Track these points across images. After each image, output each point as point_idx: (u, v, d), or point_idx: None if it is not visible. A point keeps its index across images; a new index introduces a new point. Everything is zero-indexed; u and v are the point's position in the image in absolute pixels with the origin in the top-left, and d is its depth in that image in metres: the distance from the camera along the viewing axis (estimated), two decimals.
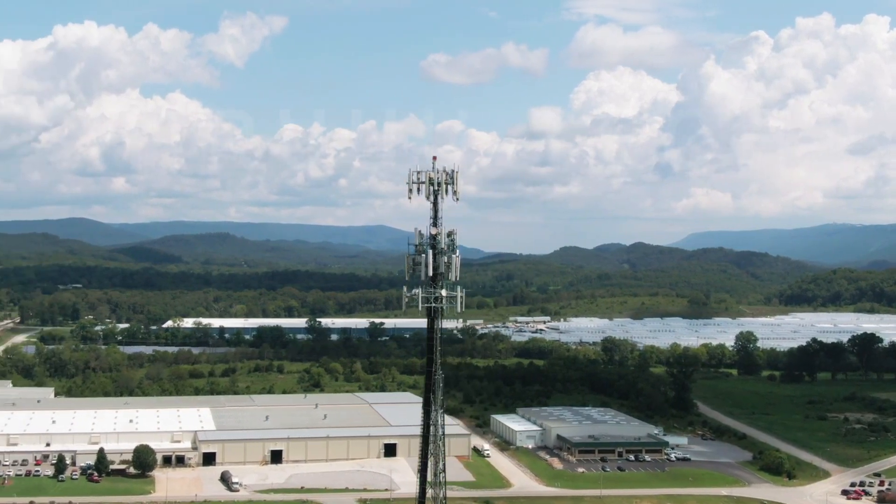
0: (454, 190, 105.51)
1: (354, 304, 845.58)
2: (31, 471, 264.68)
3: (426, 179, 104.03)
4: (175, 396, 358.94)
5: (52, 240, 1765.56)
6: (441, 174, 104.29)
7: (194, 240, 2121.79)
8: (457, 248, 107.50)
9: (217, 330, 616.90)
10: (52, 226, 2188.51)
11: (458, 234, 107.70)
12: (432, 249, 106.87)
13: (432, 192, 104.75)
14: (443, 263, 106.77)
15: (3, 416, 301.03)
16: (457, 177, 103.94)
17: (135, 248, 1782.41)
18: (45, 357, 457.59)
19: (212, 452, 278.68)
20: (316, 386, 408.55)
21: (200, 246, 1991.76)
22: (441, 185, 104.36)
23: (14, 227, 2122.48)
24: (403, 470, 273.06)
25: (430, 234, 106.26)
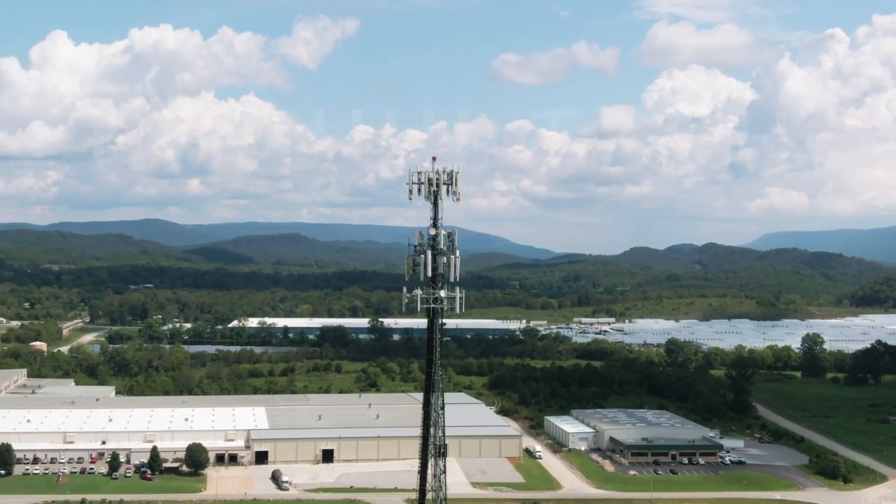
0: (455, 191, 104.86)
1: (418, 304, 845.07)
2: (86, 468, 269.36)
3: (425, 180, 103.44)
4: (232, 395, 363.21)
5: (127, 241, 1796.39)
6: (440, 175, 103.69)
7: (266, 240, 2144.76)
8: (457, 249, 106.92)
9: (281, 329, 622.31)
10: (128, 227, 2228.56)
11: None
12: (431, 250, 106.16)
13: (431, 193, 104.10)
14: (442, 264, 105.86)
15: (61, 414, 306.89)
16: (457, 178, 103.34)
17: (208, 248, 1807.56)
18: (110, 356, 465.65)
19: (264, 451, 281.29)
20: (372, 385, 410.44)
21: (272, 246, 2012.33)
22: (440, 186, 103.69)
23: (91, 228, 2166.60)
24: (453, 471, 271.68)
25: (429, 234, 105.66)
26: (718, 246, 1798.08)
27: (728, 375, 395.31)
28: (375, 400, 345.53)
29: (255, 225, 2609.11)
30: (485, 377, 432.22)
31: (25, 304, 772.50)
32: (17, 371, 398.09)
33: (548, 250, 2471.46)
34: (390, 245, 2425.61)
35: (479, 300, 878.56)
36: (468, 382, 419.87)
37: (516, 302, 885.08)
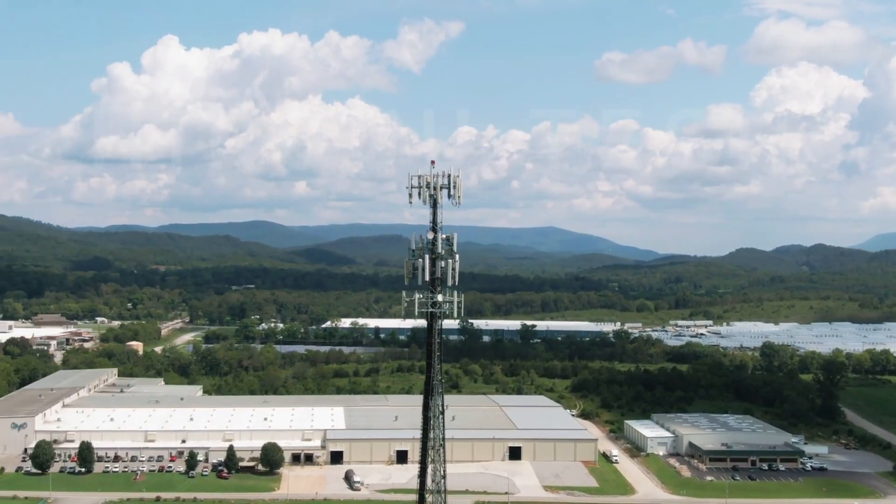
0: (457, 195, 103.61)
1: (511, 306, 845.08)
2: (165, 467, 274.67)
3: (423, 184, 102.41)
4: (313, 395, 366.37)
5: (234, 242, 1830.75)
6: (439, 179, 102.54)
7: (368, 242, 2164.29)
8: (455, 253, 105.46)
9: (372, 330, 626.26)
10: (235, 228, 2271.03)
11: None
12: (429, 254, 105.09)
13: (429, 197, 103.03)
14: (439, 268, 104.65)
15: (144, 413, 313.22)
16: (457, 181, 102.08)
17: (311, 250, 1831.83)
18: (202, 356, 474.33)
19: (339, 451, 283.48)
20: (454, 387, 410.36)
21: (374, 248, 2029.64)
22: (437, 190, 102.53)
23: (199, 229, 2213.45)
24: (526, 474, 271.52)
25: (428, 238, 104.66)
26: (827, 247, 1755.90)
27: (816, 380, 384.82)
28: (454, 402, 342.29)
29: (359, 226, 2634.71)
30: (568, 380, 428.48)
31: (128, 304, 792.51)
32: (107, 370, 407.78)
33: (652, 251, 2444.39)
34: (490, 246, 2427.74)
35: (572, 302, 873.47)
36: (550, 385, 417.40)
37: (611, 304, 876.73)
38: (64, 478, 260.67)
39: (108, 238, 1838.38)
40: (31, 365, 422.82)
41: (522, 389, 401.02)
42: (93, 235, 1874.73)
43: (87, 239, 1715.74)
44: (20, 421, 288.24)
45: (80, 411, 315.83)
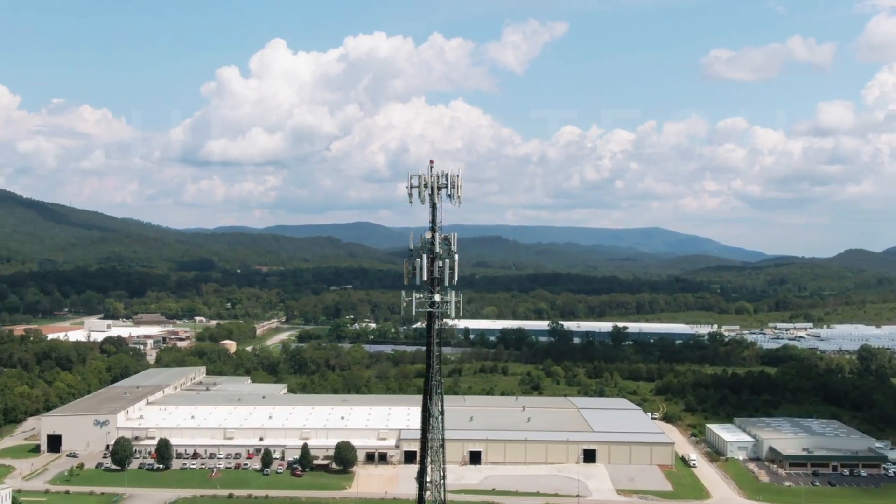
0: (457, 195, 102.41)
1: (605, 308, 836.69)
2: (241, 464, 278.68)
3: (422, 184, 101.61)
4: (394, 395, 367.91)
5: (336, 243, 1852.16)
6: (437, 178, 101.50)
7: (468, 243, 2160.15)
8: (454, 253, 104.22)
9: (462, 331, 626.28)
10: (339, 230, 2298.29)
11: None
12: (427, 254, 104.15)
13: (427, 197, 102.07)
14: (437, 268, 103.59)
15: (225, 410, 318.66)
16: (457, 181, 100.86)
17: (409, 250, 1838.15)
18: (291, 355, 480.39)
19: (413, 451, 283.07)
20: (535, 388, 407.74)
21: (474, 249, 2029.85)
22: (435, 190, 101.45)
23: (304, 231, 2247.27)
24: (600, 476, 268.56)
25: (427, 238, 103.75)
26: None
27: None
28: (533, 403, 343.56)
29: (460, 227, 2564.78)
30: (653, 383, 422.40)
31: (227, 304, 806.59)
32: (195, 369, 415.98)
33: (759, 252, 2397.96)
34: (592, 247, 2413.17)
35: (668, 304, 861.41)
36: (634, 387, 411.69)
37: (708, 306, 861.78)
38: (142, 474, 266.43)
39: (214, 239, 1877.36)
40: (124, 363, 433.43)
41: (604, 392, 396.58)
42: (199, 236, 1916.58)
43: (194, 240, 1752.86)
44: (102, 418, 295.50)
45: (163, 409, 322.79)
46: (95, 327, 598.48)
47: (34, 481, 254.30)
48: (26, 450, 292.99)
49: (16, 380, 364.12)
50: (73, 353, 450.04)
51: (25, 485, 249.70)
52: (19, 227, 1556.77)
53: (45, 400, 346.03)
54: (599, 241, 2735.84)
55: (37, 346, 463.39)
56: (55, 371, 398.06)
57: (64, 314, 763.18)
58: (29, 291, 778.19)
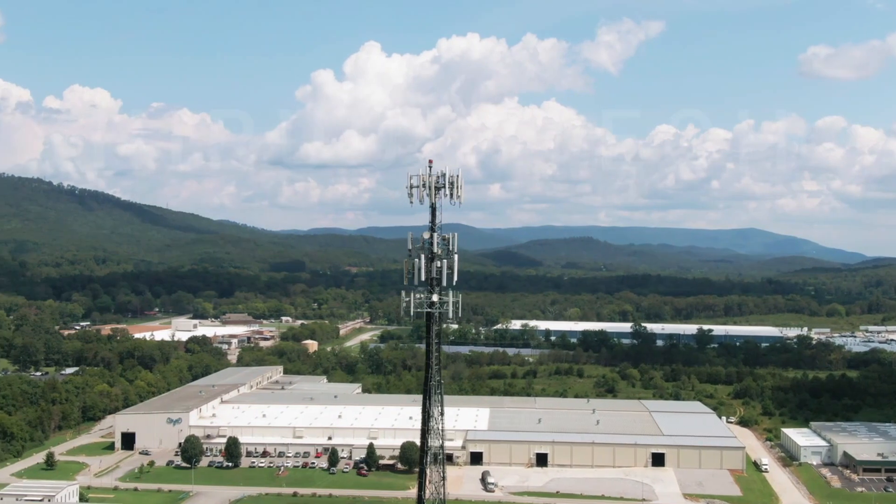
0: (457, 194, 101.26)
1: (692, 310, 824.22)
2: (309, 463, 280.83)
3: (420, 184, 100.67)
4: (465, 396, 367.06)
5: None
6: (436, 179, 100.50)
7: (559, 244, 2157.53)
8: (453, 253, 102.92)
9: (543, 332, 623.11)
10: None
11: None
12: (426, 254, 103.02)
13: (425, 197, 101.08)
14: (434, 268, 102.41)
15: (296, 410, 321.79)
16: (455, 181, 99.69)
17: (501, 252, 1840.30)
18: (369, 354, 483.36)
19: (479, 452, 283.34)
20: (610, 391, 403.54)
21: (564, 250, 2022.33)
22: (432, 189, 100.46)
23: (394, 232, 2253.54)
24: (668, 480, 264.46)
25: (426, 238, 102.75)
26: None
27: None
28: (604, 406, 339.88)
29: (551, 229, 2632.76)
30: (731, 386, 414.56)
31: (313, 304, 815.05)
32: (273, 368, 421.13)
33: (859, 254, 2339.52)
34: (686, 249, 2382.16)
35: (757, 306, 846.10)
36: (712, 391, 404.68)
37: (799, 308, 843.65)
38: (211, 472, 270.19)
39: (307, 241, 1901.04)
40: (205, 362, 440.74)
41: (680, 395, 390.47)
42: (293, 238, 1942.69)
43: (287, 241, 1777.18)
44: (175, 416, 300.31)
45: (236, 407, 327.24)
46: (182, 327, 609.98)
47: (105, 478, 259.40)
48: (101, 447, 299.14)
49: (97, 378, 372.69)
50: (157, 352, 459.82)
51: (96, 481, 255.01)
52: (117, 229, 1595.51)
53: (125, 398, 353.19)
54: (694, 242, 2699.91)
55: (121, 345, 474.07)
56: (137, 370, 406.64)
57: (154, 314, 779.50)
58: (121, 291, 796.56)
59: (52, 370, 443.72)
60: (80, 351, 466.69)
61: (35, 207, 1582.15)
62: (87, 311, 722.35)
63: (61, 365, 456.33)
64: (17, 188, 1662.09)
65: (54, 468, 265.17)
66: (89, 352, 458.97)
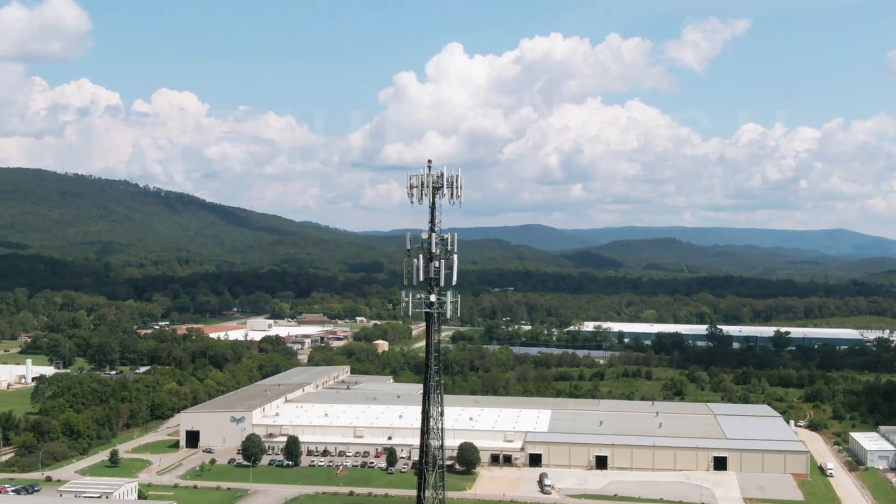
0: (456, 194, 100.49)
1: (771, 312, 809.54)
2: (368, 462, 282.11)
3: (419, 184, 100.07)
4: (528, 397, 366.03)
5: (504, 245, 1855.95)
6: (435, 178, 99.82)
7: (640, 245, 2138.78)
8: (452, 254, 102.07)
9: (616, 334, 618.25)
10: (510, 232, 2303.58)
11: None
12: (423, 254, 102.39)
13: (423, 196, 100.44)
14: (433, 268, 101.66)
15: (358, 409, 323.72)
16: (455, 181, 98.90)
17: (580, 253, 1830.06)
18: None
19: (538, 454, 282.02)
20: (678, 394, 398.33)
21: (646, 251, 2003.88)
22: (430, 189, 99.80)
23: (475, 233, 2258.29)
24: (729, 484, 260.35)
25: (424, 238, 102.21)
26: None
27: None
28: (669, 408, 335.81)
29: (634, 230, 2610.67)
30: (803, 389, 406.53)
31: (388, 304, 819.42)
32: (339, 367, 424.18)
33: None
34: (772, 250, 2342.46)
35: (839, 308, 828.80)
36: (782, 394, 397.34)
37: (881, 311, 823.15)
38: (270, 470, 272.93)
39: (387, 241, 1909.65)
40: (275, 361, 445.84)
41: (749, 398, 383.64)
42: (373, 239, 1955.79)
43: (367, 242, 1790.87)
44: (239, 415, 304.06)
45: (299, 406, 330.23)
46: (257, 327, 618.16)
47: (167, 476, 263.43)
48: (167, 445, 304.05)
49: (168, 377, 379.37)
50: (230, 351, 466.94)
51: (158, 479, 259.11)
52: (202, 231, 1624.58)
53: (193, 397, 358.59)
54: (781, 243, 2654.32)
55: (195, 344, 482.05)
56: (208, 369, 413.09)
57: (232, 314, 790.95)
58: (200, 292, 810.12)
59: (126, 369, 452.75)
60: (154, 350, 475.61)
61: (122, 209, 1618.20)
62: (166, 311, 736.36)
63: (136, 364, 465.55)
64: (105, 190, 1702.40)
65: (118, 466, 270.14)
66: (163, 351, 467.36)
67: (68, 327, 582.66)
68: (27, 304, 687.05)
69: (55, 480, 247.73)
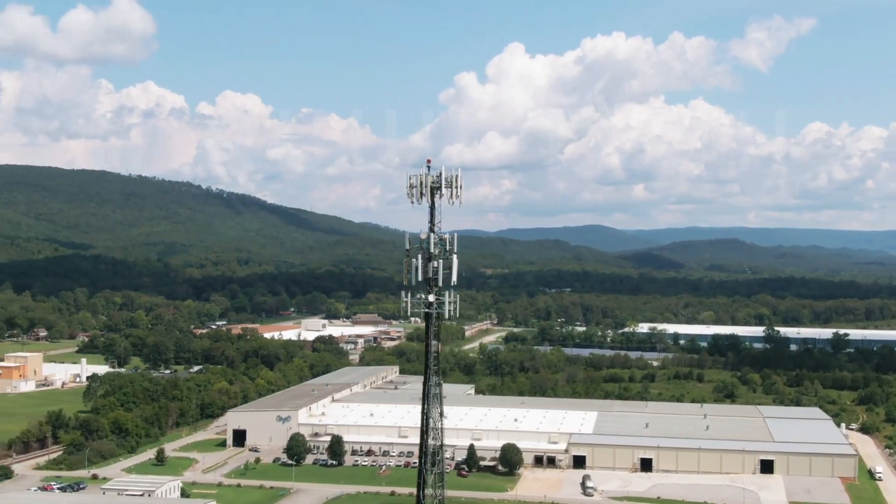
0: (456, 194, 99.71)
1: (831, 313, 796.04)
2: (411, 462, 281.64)
3: (418, 183, 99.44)
4: (575, 399, 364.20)
5: (563, 246, 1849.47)
6: (433, 179, 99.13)
7: (702, 246, 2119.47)
8: (451, 254, 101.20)
9: (671, 336, 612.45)
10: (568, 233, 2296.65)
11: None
12: (422, 254, 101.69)
13: (421, 196, 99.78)
14: (431, 268, 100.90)
15: (403, 409, 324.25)
16: (454, 181, 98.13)
17: (641, 254, 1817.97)
18: (487, 356, 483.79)
19: (581, 456, 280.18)
20: (728, 396, 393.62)
21: (707, 252, 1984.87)
22: (428, 189, 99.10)
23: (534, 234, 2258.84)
24: (775, 488, 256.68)
25: (423, 238, 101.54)
26: None
27: None
28: (718, 411, 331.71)
29: (696, 230, 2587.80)
30: (857, 392, 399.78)
31: None
32: (388, 367, 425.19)
33: None
34: (837, 251, 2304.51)
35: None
36: (835, 396, 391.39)
37: None
38: (314, 469, 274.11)
39: None
40: (326, 361, 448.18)
41: (801, 401, 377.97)
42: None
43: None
44: (285, 414, 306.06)
45: (345, 406, 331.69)
46: (311, 326, 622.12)
47: (212, 474, 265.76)
48: (214, 444, 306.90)
49: (219, 376, 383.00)
50: (282, 351, 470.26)
51: (202, 477, 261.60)
52: (262, 231, 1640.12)
53: (243, 396, 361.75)
54: (847, 243, 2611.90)
55: (248, 344, 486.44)
56: (259, 368, 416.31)
57: (289, 314, 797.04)
58: (258, 292, 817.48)
59: (181, 368, 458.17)
60: (208, 350, 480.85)
61: (184, 210, 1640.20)
62: (224, 311, 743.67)
63: (190, 363, 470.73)
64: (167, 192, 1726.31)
65: (164, 464, 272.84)
66: (216, 350, 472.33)
67: (126, 327, 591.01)
68: (87, 304, 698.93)
69: (101, 478, 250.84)
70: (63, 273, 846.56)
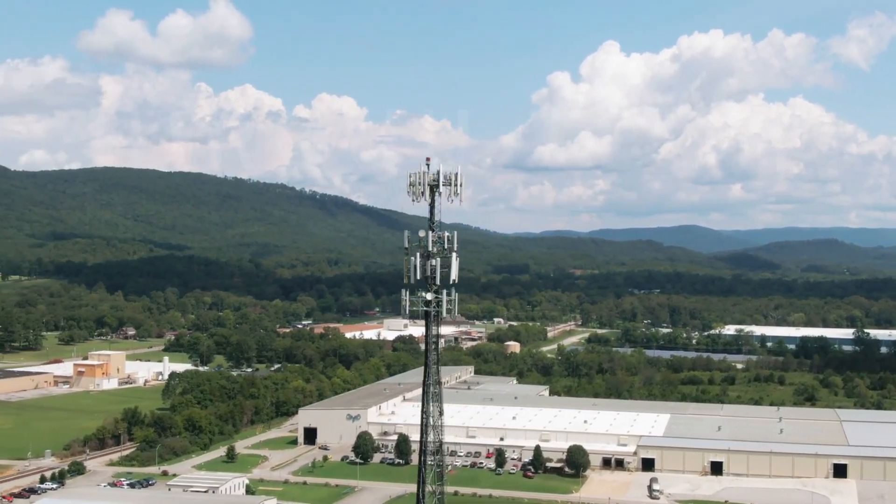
0: (455, 192, 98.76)
1: None
2: (478, 462, 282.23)
3: (417, 182, 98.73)
4: (649, 401, 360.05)
5: (656, 247, 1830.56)
6: (432, 177, 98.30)
7: (800, 247, 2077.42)
8: (450, 252, 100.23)
9: (758, 338, 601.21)
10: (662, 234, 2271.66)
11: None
12: (421, 252, 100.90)
13: (420, 195, 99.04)
14: (429, 267, 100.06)
15: (473, 409, 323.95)
16: (454, 179, 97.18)
17: (736, 255, 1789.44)
18: (565, 357, 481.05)
19: (650, 458, 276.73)
20: (808, 399, 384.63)
21: (805, 253, 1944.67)
22: (427, 187, 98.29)
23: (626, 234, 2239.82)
24: (847, 493, 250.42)
25: (422, 236, 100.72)
26: None
27: None
28: (794, 414, 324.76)
29: (795, 230, 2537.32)
30: None
31: (527, 306, 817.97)
32: (463, 367, 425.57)
33: None
34: None
35: None
36: None
37: None
38: (381, 468, 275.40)
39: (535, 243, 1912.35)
40: (403, 360, 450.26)
41: (882, 405, 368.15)
42: (522, 241, 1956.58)
43: (515, 244, 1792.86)
44: (355, 413, 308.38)
45: (416, 405, 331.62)
46: (392, 326, 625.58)
47: (280, 472, 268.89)
48: (286, 441, 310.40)
49: (296, 375, 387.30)
50: (361, 350, 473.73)
51: (270, 475, 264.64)
52: (353, 232, 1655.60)
53: (319, 394, 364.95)
54: None
55: (328, 343, 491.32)
56: (336, 367, 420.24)
57: (373, 314, 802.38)
58: (344, 292, 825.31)
59: (262, 367, 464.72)
60: (289, 348, 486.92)
61: (278, 212, 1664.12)
62: (310, 311, 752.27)
63: (271, 362, 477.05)
64: (262, 193, 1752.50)
65: (234, 461, 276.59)
66: (297, 349, 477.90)
67: (212, 326, 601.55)
68: (177, 304, 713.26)
69: (171, 475, 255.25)
70: (156, 273, 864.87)
